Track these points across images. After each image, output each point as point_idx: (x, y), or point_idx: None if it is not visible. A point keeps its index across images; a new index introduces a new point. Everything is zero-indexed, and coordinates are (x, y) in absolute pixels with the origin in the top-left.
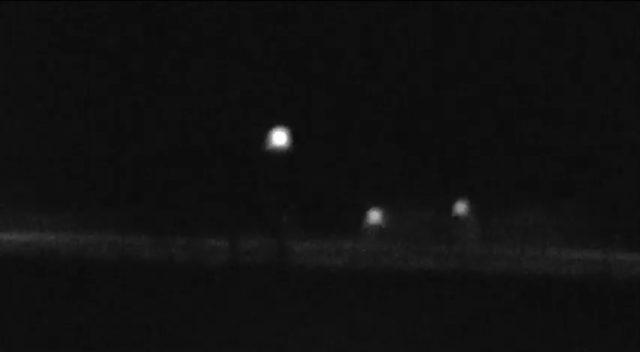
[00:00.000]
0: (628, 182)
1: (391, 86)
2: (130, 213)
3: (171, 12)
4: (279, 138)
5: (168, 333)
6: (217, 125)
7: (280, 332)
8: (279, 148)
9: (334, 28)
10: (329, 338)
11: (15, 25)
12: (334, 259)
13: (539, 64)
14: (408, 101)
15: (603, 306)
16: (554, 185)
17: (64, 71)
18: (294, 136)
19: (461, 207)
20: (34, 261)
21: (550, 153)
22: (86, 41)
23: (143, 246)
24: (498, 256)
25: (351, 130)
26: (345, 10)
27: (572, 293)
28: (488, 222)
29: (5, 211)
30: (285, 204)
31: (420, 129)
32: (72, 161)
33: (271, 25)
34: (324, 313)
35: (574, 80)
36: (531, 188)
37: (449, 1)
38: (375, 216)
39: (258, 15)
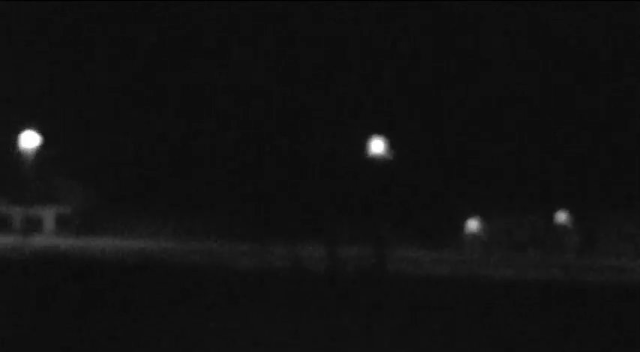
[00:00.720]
0: None
1: (489, 96)
2: (230, 220)
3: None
4: (377, 146)
5: (268, 339)
6: (316, 134)
7: (380, 340)
8: (378, 157)
9: (437, 38)
10: (429, 345)
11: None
12: (433, 268)
13: None
14: (507, 110)
15: None
16: None
17: (167, 80)
18: (393, 144)
19: (561, 217)
20: (135, 267)
21: None
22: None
23: (243, 253)
24: (598, 266)
25: (450, 139)
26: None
27: None
28: (589, 231)
29: (107, 217)
30: (384, 212)
31: (519, 138)
32: (173, 167)
33: (376, 37)
34: (423, 321)
35: None
36: (629, 198)
37: None
38: (473, 224)
39: (364, 25)
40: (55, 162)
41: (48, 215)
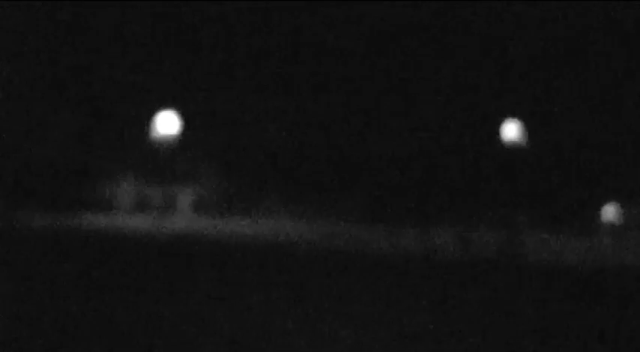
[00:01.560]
0: None
1: (609, 85)
2: (363, 203)
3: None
4: (510, 131)
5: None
6: (450, 121)
7: (515, 326)
8: (509, 142)
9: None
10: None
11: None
12: (567, 256)
13: None
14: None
15: None
16: None
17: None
18: (528, 130)
19: None
20: (270, 249)
21: None
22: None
23: (376, 236)
24: None
25: (585, 124)
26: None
27: None
28: None
29: (241, 197)
30: (518, 198)
31: None
32: (307, 150)
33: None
34: (555, 310)
35: None
36: None
37: None
38: (610, 211)
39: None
40: (194, 144)
41: (184, 195)
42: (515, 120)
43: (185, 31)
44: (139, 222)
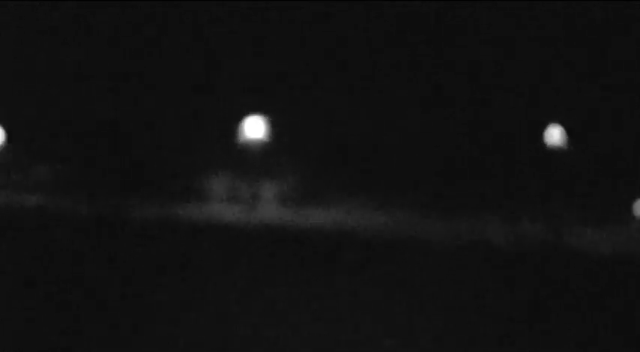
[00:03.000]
0: None
1: None
2: (427, 194)
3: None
4: (552, 135)
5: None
6: (497, 121)
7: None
8: (553, 146)
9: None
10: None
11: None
12: (607, 245)
13: None
14: None
15: None
16: None
17: None
18: (570, 133)
19: None
20: (344, 237)
21: None
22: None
23: (436, 226)
24: None
25: (622, 127)
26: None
27: None
28: None
29: (319, 190)
30: (560, 193)
31: None
32: (377, 147)
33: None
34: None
35: None
36: None
37: None
38: None
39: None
40: (278, 145)
41: (269, 189)
42: (558, 123)
43: (267, 42)
44: (230, 212)
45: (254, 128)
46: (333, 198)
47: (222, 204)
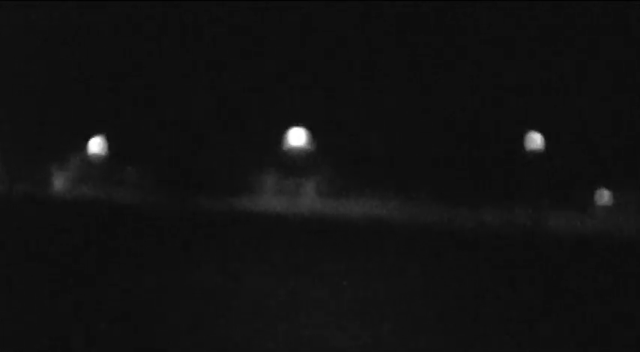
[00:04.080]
0: None
1: None
2: (454, 186)
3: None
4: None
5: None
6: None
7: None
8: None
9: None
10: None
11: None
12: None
13: None
14: None
15: None
16: None
17: None
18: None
19: None
20: (379, 227)
21: None
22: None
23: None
24: None
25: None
26: None
27: None
28: None
29: (355, 184)
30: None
31: None
32: (409, 146)
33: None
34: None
35: None
36: None
37: None
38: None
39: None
40: (319, 147)
41: (310, 183)
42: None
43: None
44: (277, 204)
45: (297, 135)
46: (368, 191)
47: (270, 197)
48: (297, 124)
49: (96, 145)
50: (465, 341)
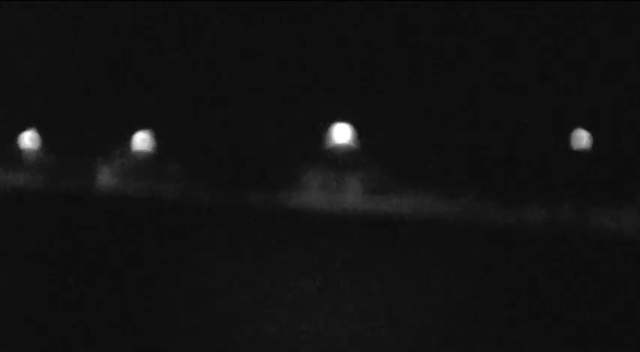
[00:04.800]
0: None
1: None
2: (499, 186)
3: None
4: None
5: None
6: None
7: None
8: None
9: None
10: None
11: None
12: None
13: None
14: None
15: None
16: None
17: None
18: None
19: None
20: (424, 222)
21: None
22: None
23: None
24: None
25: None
26: None
27: None
28: None
29: (399, 180)
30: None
31: None
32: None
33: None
34: None
35: None
36: None
37: None
38: None
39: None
40: (364, 144)
41: (355, 179)
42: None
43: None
44: (322, 200)
45: (341, 132)
46: (413, 187)
47: (315, 193)
48: (342, 120)
49: (141, 141)
50: (512, 335)
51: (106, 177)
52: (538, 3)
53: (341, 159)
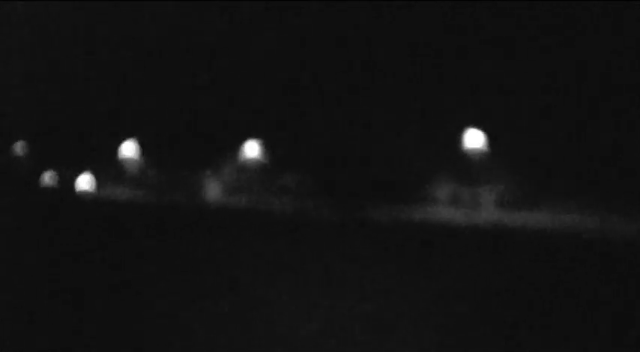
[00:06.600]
0: None
1: None
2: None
3: None
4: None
5: None
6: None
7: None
8: None
9: None
10: None
11: None
12: None
13: None
14: None
15: None
16: None
17: None
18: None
19: None
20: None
21: None
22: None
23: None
24: None
25: None
26: None
27: None
28: None
29: (533, 195)
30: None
31: None
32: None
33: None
34: None
35: None
36: None
37: None
38: None
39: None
40: (496, 154)
41: (488, 194)
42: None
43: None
44: (453, 215)
45: (474, 139)
46: (547, 201)
47: (446, 208)
48: (474, 126)
49: (251, 150)
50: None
51: (215, 190)
52: None
53: (473, 167)
